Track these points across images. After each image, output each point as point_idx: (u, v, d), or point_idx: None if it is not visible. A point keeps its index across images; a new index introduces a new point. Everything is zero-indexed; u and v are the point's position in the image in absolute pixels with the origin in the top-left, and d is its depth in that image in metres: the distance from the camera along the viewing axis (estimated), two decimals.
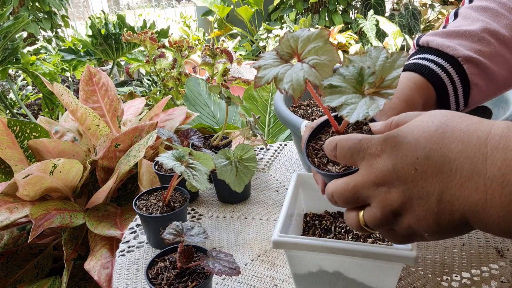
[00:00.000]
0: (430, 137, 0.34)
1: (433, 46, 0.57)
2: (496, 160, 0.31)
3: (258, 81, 0.38)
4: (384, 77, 0.38)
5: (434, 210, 0.34)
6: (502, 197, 0.30)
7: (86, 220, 1.06)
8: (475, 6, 0.58)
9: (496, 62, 0.55)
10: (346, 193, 0.38)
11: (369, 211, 0.38)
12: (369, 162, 0.37)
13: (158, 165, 0.87)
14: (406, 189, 0.35)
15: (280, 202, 0.85)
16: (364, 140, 0.38)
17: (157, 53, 1.91)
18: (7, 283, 1.11)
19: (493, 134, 0.32)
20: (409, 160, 0.34)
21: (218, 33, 4.71)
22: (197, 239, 0.56)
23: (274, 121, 1.53)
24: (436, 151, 0.33)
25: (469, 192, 0.32)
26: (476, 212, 0.32)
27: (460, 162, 0.32)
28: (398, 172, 0.35)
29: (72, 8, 4.78)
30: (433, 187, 0.33)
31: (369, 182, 0.37)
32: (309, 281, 0.56)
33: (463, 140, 0.33)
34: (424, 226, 0.35)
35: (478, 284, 0.59)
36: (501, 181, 0.30)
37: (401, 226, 0.36)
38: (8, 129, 1.12)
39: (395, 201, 0.35)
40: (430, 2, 4.68)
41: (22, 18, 1.88)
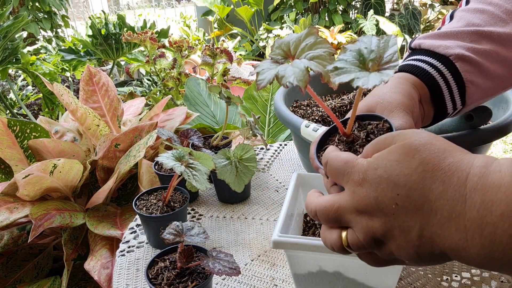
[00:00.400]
0: (410, 175, 0.34)
1: (424, 47, 0.57)
2: (475, 202, 0.31)
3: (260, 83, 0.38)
4: (382, 55, 0.38)
5: (415, 243, 0.34)
6: (482, 237, 0.30)
7: (86, 220, 1.06)
8: (471, 9, 0.58)
9: (491, 60, 0.55)
10: (329, 213, 0.39)
11: (352, 234, 0.38)
12: (352, 189, 0.37)
13: (158, 165, 0.87)
14: (388, 220, 0.35)
15: (280, 202, 0.85)
16: (349, 164, 0.38)
17: (157, 53, 1.91)
18: (7, 283, 1.11)
19: (471, 175, 0.32)
20: (389, 195, 0.35)
21: (218, 33, 4.71)
22: (197, 239, 0.56)
23: (274, 121, 1.53)
24: (417, 191, 0.34)
25: (450, 231, 0.32)
26: (457, 250, 0.32)
27: (441, 204, 0.33)
28: (380, 204, 0.35)
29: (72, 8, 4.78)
30: (414, 222, 0.34)
31: (352, 208, 0.37)
32: (309, 281, 0.56)
33: (444, 181, 0.33)
34: (405, 255, 0.35)
35: (478, 284, 0.59)
36: (480, 223, 0.31)
37: (383, 252, 0.37)
38: (8, 129, 1.12)
39: (377, 229, 0.36)
40: (430, 2, 4.68)
41: (22, 18, 1.88)
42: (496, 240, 0.30)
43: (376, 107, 0.50)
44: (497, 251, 0.30)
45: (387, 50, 0.38)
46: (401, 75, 0.55)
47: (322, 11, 4.34)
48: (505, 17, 0.56)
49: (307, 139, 0.69)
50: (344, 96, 0.92)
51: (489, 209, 0.30)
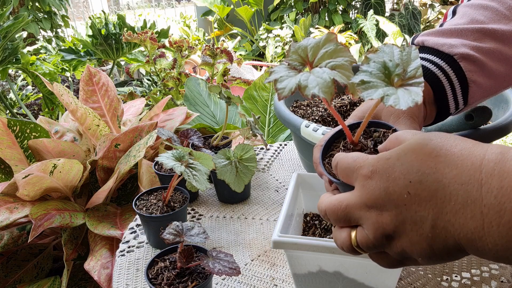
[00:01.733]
0: (424, 160, 0.33)
1: (428, 45, 0.56)
2: (492, 188, 0.30)
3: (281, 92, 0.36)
4: (406, 69, 0.37)
5: (428, 235, 0.33)
6: (500, 226, 0.29)
7: (86, 220, 1.06)
8: (474, 4, 0.58)
9: (494, 58, 0.54)
10: (338, 211, 0.38)
11: (361, 232, 0.37)
12: (362, 183, 0.36)
13: (158, 165, 0.87)
14: (399, 212, 0.34)
15: (280, 202, 0.85)
16: (358, 160, 0.37)
17: (157, 53, 1.91)
18: (7, 283, 1.11)
19: (487, 160, 0.31)
20: (401, 183, 0.34)
21: (218, 33, 4.71)
22: (197, 239, 0.56)
23: (274, 121, 1.53)
24: (430, 175, 0.33)
25: (465, 219, 0.31)
26: (473, 240, 0.31)
27: (455, 188, 0.32)
28: (391, 195, 0.34)
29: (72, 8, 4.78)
30: (427, 211, 0.33)
31: (361, 203, 0.36)
32: (309, 281, 0.56)
33: (457, 165, 0.32)
34: (417, 251, 0.34)
35: (478, 284, 0.59)
36: (498, 210, 0.29)
37: (394, 250, 0.36)
38: (8, 129, 1.12)
39: (388, 224, 0.34)
40: (430, 2, 4.68)
41: (22, 18, 1.88)
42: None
43: (382, 111, 0.49)
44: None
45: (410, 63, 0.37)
46: None
47: (322, 11, 4.34)
48: (509, 14, 0.55)
49: (307, 139, 0.69)
50: (344, 96, 0.92)
51: (509, 195, 0.29)
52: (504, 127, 0.63)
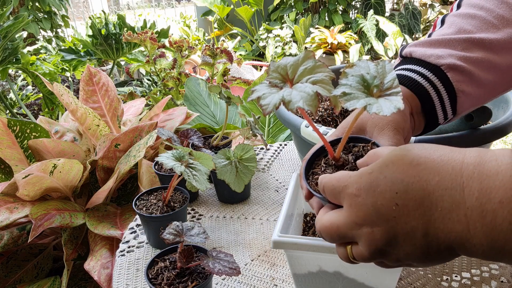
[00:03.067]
0: (406, 170, 0.34)
1: (416, 56, 0.56)
2: (473, 190, 0.31)
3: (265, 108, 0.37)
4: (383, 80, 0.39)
5: (421, 244, 0.34)
6: (484, 226, 0.30)
7: (86, 220, 1.06)
8: (462, 14, 0.58)
9: (483, 67, 0.54)
10: (331, 233, 0.39)
11: (357, 248, 0.38)
12: (349, 202, 0.37)
13: (158, 165, 0.87)
14: (390, 227, 0.34)
15: (280, 202, 0.85)
16: (342, 180, 0.38)
17: (157, 53, 1.91)
18: (7, 283, 1.11)
19: (466, 164, 0.32)
20: (388, 196, 0.34)
21: (218, 33, 4.71)
22: (197, 239, 0.56)
23: (274, 121, 1.53)
24: (414, 184, 0.33)
25: (452, 224, 0.32)
26: (461, 243, 0.32)
27: (440, 194, 0.32)
28: (379, 209, 0.34)
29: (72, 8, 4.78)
30: (416, 221, 0.33)
31: (351, 222, 0.37)
32: (309, 281, 0.56)
33: (439, 171, 0.33)
34: (413, 258, 0.35)
35: (478, 284, 0.59)
36: (480, 211, 0.30)
37: (390, 260, 0.37)
38: (8, 129, 1.12)
39: (380, 240, 0.35)
40: (430, 2, 4.68)
41: (22, 18, 1.88)
42: (497, 227, 0.30)
43: (367, 123, 0.49)
44: (498, 239, 0.30)
45: (386, 75, 0.39)
46: None
47: (322, 11, 4.34)
48: (497, 23, 0.55)
49: (307, 139, 0.69)
50: None
51: (488, 196, 0.30)
52: (504, 127, 0.63)
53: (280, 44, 3.87)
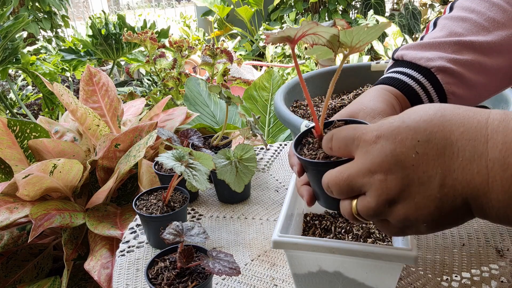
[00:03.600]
0: (430, 120, 0.33)
1: (407, 59, 0.57)
2: (497, 143, 0.30)
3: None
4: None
5: (437, 196, 0.33)
6: (503, 180, 0.30)
7: (86, 220, 1.06)
8: (454, 17, 0.58)
9: (473, 70, 0.55)
10: (340, 182, 0.37)
11: (363, 200, 0.36)
12: (365, 149, 0.36)
13: (158, 165, 0.87)
14: (406, 175, 0.33)
15: (280, 202, 0.85)
16: (359, 128, 0.37)
17: (157, 53, 1.91)
18: (7, 283, 1.11)
19: (492, 119, 0.32)
20: (409, 144, 0.33)
21: (218, 33, 4.71)
22: (197, 239, 0.56)
23: (274, 121, 1.53)
24: (438, 133, 0.33)
25: (471, 175, 0.31)
26: (478, 197, 0.31)
27: (462, 144, 0.32)
28: (398, 156, 0.34)
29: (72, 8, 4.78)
30: (435, 170, 0.32)
31: (364, 170, 0.35)
32: (309, 281, 0.56)
33: (463, 123, 0.32)
34: (424, 215, 0.33)
35: (478, 284, 0.59)
36: (502, 163, 0.30)
37: (396, 217, 0.35)
38: (8, 129, 1.12)
39: (392, 189, 0.34)
40: (430, 2, 4.68)
41: (22, 18, 1.88)
42: None
43: (359, 113, 0.50)
44: None
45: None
46: (383, 87, 0.56)
47: (322, 11, 4.34)
48: (488, 25, 0.56)
49: None
50: (344, 96, 0.92)
51: (511, 150, 0.30)
52: None
53: (280, 44, 3.87)
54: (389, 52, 3.49)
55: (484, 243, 0.67)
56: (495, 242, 0.67)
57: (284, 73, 3.05)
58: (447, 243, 0.68)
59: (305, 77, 0.93)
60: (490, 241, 0.68)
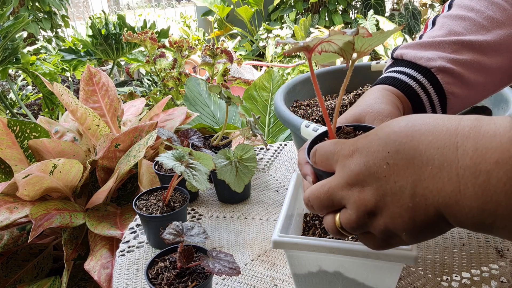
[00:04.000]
0: (400, 131, 0.34)
1: (407, 58, 0.57)
2: (467, 150, 0.30)
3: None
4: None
5: (409, 205, 0.33)
6: (476, 187, 0.29)
7: (86, 220, 1.06)
8: (453, 15, 0.58)
9: (472, 69, 0.55)
10: (321, 196, 0.38)
11: (344, 213, 0.37)
12: (342, 164, 0.37)
13: (158, 165, 0.87)
14: (379, 186, 0.34)
15: (280, 202, 0.85)
16: (338, 144, 0.38)
17: (157, 53, 1.91)
18: (7, 283, 1.11)
19: (462, 126, 0.31)
20: (380, 155, 0.34)
21: (218, 33, 4.71)
22: (197, 239, 0.56)
23: (274, 121, 1.53)
24: (407, 144, 0.33)
25: (442, 183, 0.31)
26: (450, 205, 0.31)
27: (431, 153, 0.32)
28: (370, 168, 0.34)
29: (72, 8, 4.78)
30: (406, 180, 0.33)
31: (342, 183, 0.36)
32: (309, 281, 0.56)
33: (432, 131, 0.32)
34: (400, 225, 0.34)
35: (478, 284, 0.59)
36: (473, 171, 0.29)
37: (377, 228, 0.35)
38: (8, 129, 1.12)
39: (369, 200, 0.34)
40: (430, 2, 4.68)
41: (22, 18, 1.88)
42: (490, 188, 0.29)
43: (366, 116, 0.50)
44: (490, 201, 0.29)
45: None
46: (384, 87, 0.56)
47: (322, 11, 4.34)
48: (487, 24, 0.56)
49: (307, 139, 0.69)
50: (344, 97, 0.92)
51: (483, 156, 0.29)
52: None
53: (281, 45, 3.87)
54: (389, 52, 3.49)
55: (484, 243, 0.67)
56: (495, 242, 0.67)
57: (284, 73, 3.05)
58: (447, 243, 0.68)
59: (307, 77, 0.93)
60: (490, 241, 0.68)
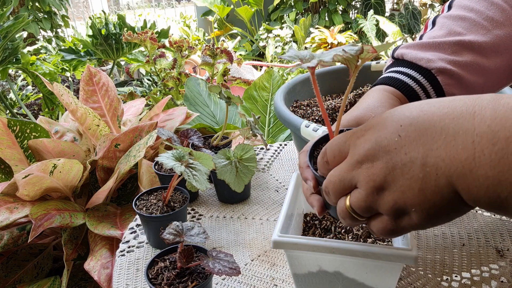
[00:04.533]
0: (415, 107, 0.33)
1: (407, 59, 0.57)
2: (485, 118, 0.29)
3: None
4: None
5: (419, 176, 0.31)
6: (492, 154, 0.28)
7: (86, 220, 1.06)
8: (453, 16, 0.59)
9: (472, 71, 0.55)
10: (333, 179, 0.37)
11: (354, 192, 0.36)
12: (353, 144, 0.36)
13: (158, 165, 0.87)
14: (389, 159, 0.33)
15: (280, 202, 0.85)
16: (351, 131, 0.38)
17: (157, 53, 1.91)
18: (7, 283, 1.11)
19: (480, 99, 0.30)
20: (392, 129, 0.33)
21: (218, 33, 4.71)
22: (197, 239, 0.56)
23: (274, 121, 1.53)
24: (420, 117, 0.32)
25: (456, 151, 0.29)
26: (463, 175, 0.29)
27: (446, 123, 0.31)
28: (381, 142, 0.34)
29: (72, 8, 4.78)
30: (417, 151, 0.32)
31: (353, 162, 0.36)
32: (309, 281, 0.56)
33: (448, 105, 0.31)
34: (409, 199, 0.32)
35: (478, 284, 0.59)
36: (491, 138, 0.28)
37: (386, 205, 0.34)
38: (8, 129, 1.12)
39: (378, 174, 0.33)
40: (430, 2, 4.68)
41: (22, 18, 1.88)
42: (508, 157, 0.27)
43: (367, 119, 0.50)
44: (507, 172, 0.27)
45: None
46: (385, 88, 0.56)
47: (322, 11, 4.34)
48: (487, 25, 0.56)
49: (307, 139, 0.69)
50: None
51: (503, 124, 0.28)
52: None
53: (280, 44, 3.87)
54: (389, 52, 3.49)
55: (484, 243, 0.67)
56: (495, 242, 0.67)
57: (284, 73, 3.05)
58: (447, 243, 0.68)
59: (307, 77, 0.93)
60: (490, 241, 0.68)
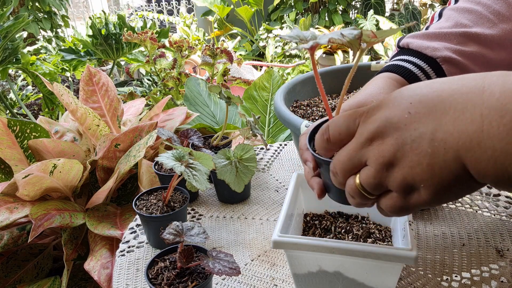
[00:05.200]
0: (425, 85, 0.34)
1: (413, 48, 0.58)
2: (494, 92, 0.29)
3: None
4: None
5: (427, 151, 0.32)
6: (501, 126, 0.28)
7: (86, 220, 1.06)
8: (460, 8, 0.59)
9: (477, 62, 0.55)
10: (342, 158, 0.37)
11: (364, 170, 0.36)
12: (363, 122, 0.36)
13: (158, 165, 0.87)
14: (399, 135, 0.33)
15: (280, 202, 0.85)
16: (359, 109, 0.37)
17: (157, 53, 1.91)
18: (7, 283, 1.11)
19: (490, 75, 0.31)
20: (403, 106, 0.34)
21: (218, 33, 4.71)
22: (197, 239, 0.56)
23: (274, 121, 1.53)
24: (430, 94, 0.33)
25: (464, 125, 0.30)
26: (471, 148, 0.30)
27: (455, 98, 0.31)
28: (392, 119, 0.34)
29: (72, 8, 4.78)
30: (426, 127, 0.32)
31: (362, 140, 0.36)
32: (309, 281, 0.56)
33: (457, 82, 0.32)
34: (418, 174, 0.33)
35: (478, 284, 0.59)
36: (499, 110, 0.28)
37: (395, 181, 0.34)
38: (8, 129, 1.12)
39: (388, 150, 0.34)
40: (430, 2, 4.68)
41: (22, 18, 1.88)
42: None
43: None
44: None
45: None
46: (389, 75, 0.56)
47: (322, 11, 4.34)
48: (493, 18, 0.56)
49: None
50: (344, 96, 0.92)
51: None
52: None
53: (280, 44, 3.87)
54: (389, 52, 3.49)
55: (484, 243, 0.67)
56: (495, 242, 0.67)
57: (284, 73, 3.05)
58: (447, 243, 0.68)
59: (307, 77, 0.93)
60: (490, 241, 0.68)
